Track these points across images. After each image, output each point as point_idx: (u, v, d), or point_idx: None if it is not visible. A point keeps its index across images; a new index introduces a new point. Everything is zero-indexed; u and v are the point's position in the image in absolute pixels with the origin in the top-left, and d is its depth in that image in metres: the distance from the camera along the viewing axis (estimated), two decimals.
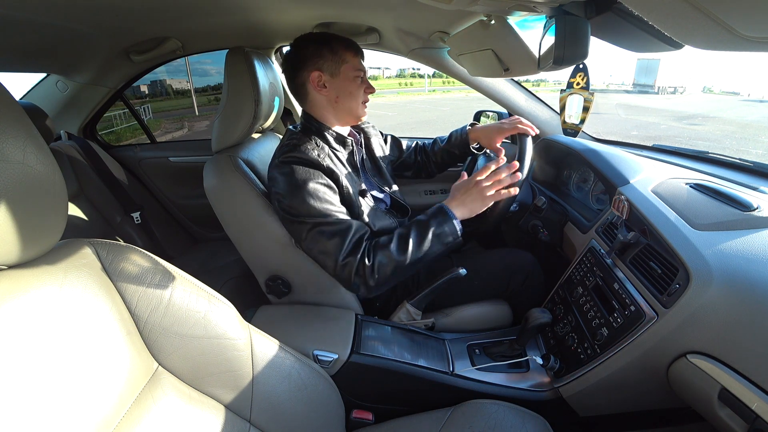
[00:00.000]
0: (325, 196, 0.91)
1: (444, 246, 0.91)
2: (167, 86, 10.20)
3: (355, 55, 1.01)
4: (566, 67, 0.77)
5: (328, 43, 0.98)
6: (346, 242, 0.87)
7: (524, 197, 1.21)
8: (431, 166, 1.39)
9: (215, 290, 0.65)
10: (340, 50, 0.99)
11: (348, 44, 1.00)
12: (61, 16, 0.97)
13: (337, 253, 0.87)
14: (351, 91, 1.01)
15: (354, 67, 1.00)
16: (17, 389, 0.40)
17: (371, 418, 0.90)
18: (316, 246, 0.90)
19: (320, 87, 1.00)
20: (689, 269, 0.68)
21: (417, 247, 0.89)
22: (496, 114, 1.70)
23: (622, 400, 0.87)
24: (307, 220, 0.89)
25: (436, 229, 0.90)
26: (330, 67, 0.99)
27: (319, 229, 0.88)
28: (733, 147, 9.40)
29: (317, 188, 0.90)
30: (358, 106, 1.03)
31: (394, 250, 0.87)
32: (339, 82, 1.00)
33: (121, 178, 1.65)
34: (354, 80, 1.01)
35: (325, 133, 1.02)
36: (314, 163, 0.93)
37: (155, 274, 0.58)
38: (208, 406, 0.62)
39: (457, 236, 0.91)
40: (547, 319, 0.91)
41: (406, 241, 0.89)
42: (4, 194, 0.41)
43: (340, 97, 1.01)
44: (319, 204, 0.89)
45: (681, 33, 0.41)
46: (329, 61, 0.98)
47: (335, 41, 0.99)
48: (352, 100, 1.02)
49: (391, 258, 0.87)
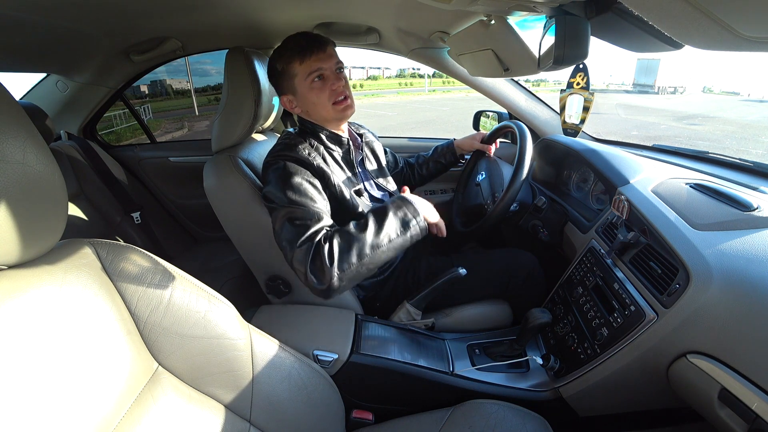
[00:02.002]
0: (306, 191, 0.89)
1: (404, 228, 0.84)
2: (167, 86, 10.20)
3: (300, 62, 0.94)
4: (566, 67, 0.77)
5: (277, 67, 0.97)
6: (306, 229, 0.81)
7: (524, 197, 1.21)
8: (415, 177, 1.47)
9: (215, 290, 0.65)
10: (286, 67, 0.96)
11: (291, 54, 0.94)
12: (60, 16, 0.97)
13: (295, 240, 0.80)
14: (313, 101, 0.97)
15: (304, 74, 0.95)
16: (17, 389, 0.40)
17: (371, 418, 0.90)
18: (283, 233, 0.83)
19: (293, 107, 1.01)
20: (689, 269, 0.68)
21: (376, 229, 0.82)
22: (496, 114, 1.70)
23: (622, 400, 0.87)
24: (282, 207, 0.86)
25: (397, 210, 0.86)
26: (289, 87, 0.98)
27: (288, 217, 0.84)
28: (733, 147, 9.40)
29: (301, 183, 0.89)
30: (329, 111, 0.98)
31: (352, 231, 0.81)
32: (300, 98, 0.98)
33: (121, 178, 1.65)
34: (311, 89, 0.96)
35: (320, 133, 1.02)
36: (304, 161, 0.93)
37: (155, 274, 0.58)
38: (208, 406, 0.62)
39: (418, 215, 0.86)
40: (547, 319, 0.91)
41: (365, 224, 0.83)
42: (4, 194, 0.41)
43: (309, 110, 1.00)
44: (297, 197, 0.87)
45: (681, 33, 0.41)
46: (285, 82, 0.98)
47: (281, 60, 0.96)
48: (320, 108, 0.98)
49: (349, 240, 0.79)
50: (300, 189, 0.89)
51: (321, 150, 1.00)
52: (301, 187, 0.89)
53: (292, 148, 0.95)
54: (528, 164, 1.08)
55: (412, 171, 1.46)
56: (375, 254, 0.81)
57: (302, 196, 0.88)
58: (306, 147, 0.97)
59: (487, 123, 1.76)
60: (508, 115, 1.62)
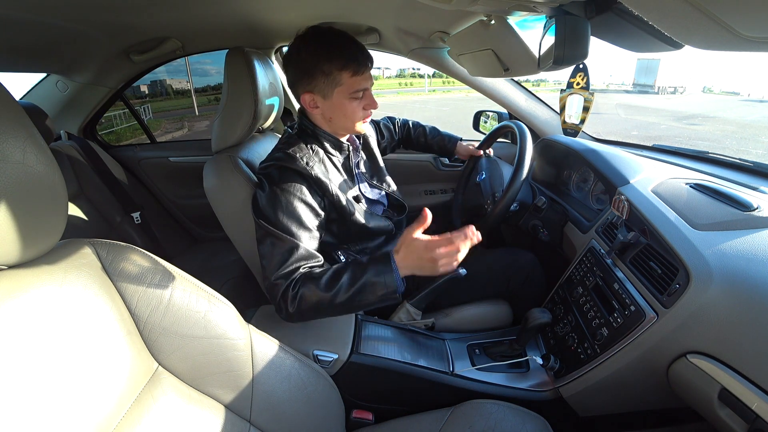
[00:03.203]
0: (296, 212, 0.87)
1: (376, 298, 0.80)
2: (167, 86, 10.21)
3: (353, 74, 0.90)
4: (566, 67, 0.77)
5: (320, 65, 0.89)
6: (284, 264, 0.82)
7: (524, 197, 1.21)
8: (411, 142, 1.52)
9: (215, 290, 0.65)
10: (334, 72, 0.89)
11: (345, 63, 0.88)
12: (61, 16, 0.97)
13: (273, 270, 0.83)
14: (345, 113, 0.94)
15: (350, 89, 0.91)
16: (17, 389, 0.40)
17: (371, 418, 0.90)
18: (263, 251, 0.86)
19: (313, 107, 0.95)
20: (689, 269, 0.68)
21: (347, 288, 0.79)
22: (495, 114, 1.70)
23: (622, 400, 0.87)
24: (268, 227, 0.86)
25: (373, 277, 0.79)
26: (322, 89, 0.92)
27: (271, 240, 0.85)
28: (733, 147, 9.40)
29: (294, 205, 0.88)
30: (353, 124, 0.97)
31: (322, 285, 0.80)
32: (331, 104, 0.93)
33: (121, 178, 1.65)
34: (350, 101, 0.93)
35: (321, 137, 0.99)
36: (303, 173, 0.91)
37: (155, 274, 0.58)
38: (208, 406, 0.62)
39: (394, 291, 0.79)
40: (547, 319, 0.91)
41: (338, 279, 0.80)
42: (4, 194, 0.41)
43: (334, 117, 0.96)
44: (286, 219, 0.86)
45: (681, 33, 0.41)
46: (321, 83, 0.91)
47: (329, 63, 0.88)
48: (347, 120, 0.96)
49: (315, 293, 0.80)
50: (289, 210, 0.87)
51: (321, 155, 0.97)
52: (290, 208, 0.87)
53: (292, 159, 0.91)
54: (528, 164, 1.08)
55: (409, 134, 1.51)
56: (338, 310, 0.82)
57: (291, 220, 0.86)
58: (306, 154, 0.94)
59: (487, 123, 1.76)
60: (508, 115, 1.62)
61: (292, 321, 0.83)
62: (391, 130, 1.48)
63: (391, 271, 0.79)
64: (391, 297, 0.80)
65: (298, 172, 0.91)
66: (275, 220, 0.86)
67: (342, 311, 0.83)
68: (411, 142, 1.52)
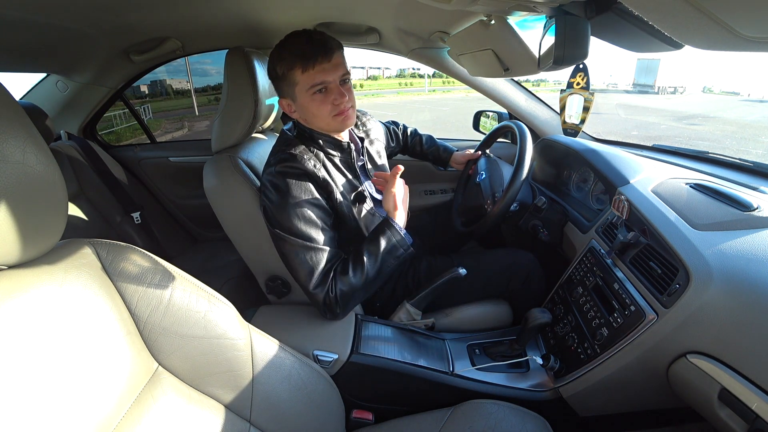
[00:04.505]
0: (311, 216, 0.90)
1: (397, 260, 0.93)
2: (167, 86, 10.21)
3: (303, 70, 0.87)
4: (566, 67, 0.77)
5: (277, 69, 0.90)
6: (315, 274, 0.89)
7: (524, 197, 1.21)
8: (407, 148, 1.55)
9: (215, 290, 0.65)
10: (287, 72, 0.89)
11: (293, 60, 0.87)
12: (61, 16, 0.97)
13: (307, 281, 0.90)
14: (312, 112, 0.92)
15: (306, 85, 0.89)
16: (17, 389, 0.40)
17: (371, 418, 0.90)
18: (290, 260, 0.91)
19: (291, 112, 0.96)
20: (689, 269, 0.68)
21: (372, 265, 0.91)
22: (496, 114, 1.70)
23: (622, 400, 0.87)
24: (289, 237, 0.89)
25: (387, 244, 0.92)
26: (288, 93, 0.92)
27: (296, 250, 0.89)
28: (733, 147, 9.40)
29: (307, 208, 0.89)
30: (328, 123, 0.94)
31: (352, 276, 0.90)
32: (299, 106, 0.93)
33: (120, 178, 1.65)
34: (312, 99, 0.90)
35: (318, 139, 0.98)
36: (309, 174, 0.91)
37: (155, 274, 0.58)
38: (208, 406, 0.62)
39: (407, 247, 0.94)
40: (547, 319, 0.91)
41: (361, 262, 0.90)
42: (4, 194, 0.41)
43: (308, 118, 0.95)
44: (304, 226, 0.89)
45: (681, 33, 0.41)
46: (284, 87, 0.92)
47: (281, 64, 0.89)
48: (319, 120, 0.94)
49: (350, 285, 0.90)
50: (304, 216, 0.89)
51: (321, 156, 0.97)
52: (305, 213, 0.89)
53: (296, 159, 0.91)
54: (528, 164, 1.08)
55: (407, 141, 1.53)
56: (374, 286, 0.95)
57: (308, 225, 0.89)
58: (308, 155, 0.94)
59: (487, 123, 1.76)
60: (508, 115, 1.62)
61: (340, 318, 0.95)
62: (399, 137, 1.50)
63: (397, 231, 0.93)
64: (408, 253, 0.95)
65: (305, 174, 0.91)
66: (293, 229, 0.88)
67: (375, 286, 0.95)
68: (407, 149, 1.55)
